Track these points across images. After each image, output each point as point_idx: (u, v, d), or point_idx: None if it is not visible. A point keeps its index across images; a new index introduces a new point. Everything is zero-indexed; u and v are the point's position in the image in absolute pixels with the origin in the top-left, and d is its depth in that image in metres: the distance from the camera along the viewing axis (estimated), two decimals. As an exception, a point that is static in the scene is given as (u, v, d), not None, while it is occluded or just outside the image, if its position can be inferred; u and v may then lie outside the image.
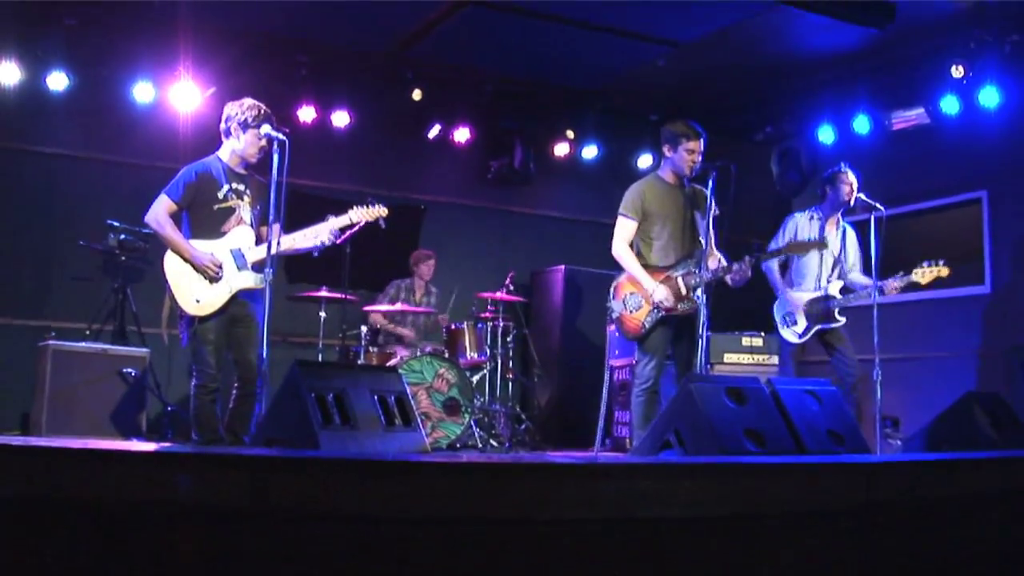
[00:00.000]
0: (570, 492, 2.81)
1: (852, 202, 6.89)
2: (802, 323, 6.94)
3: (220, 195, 5.60)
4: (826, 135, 9.58)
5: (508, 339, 8.84)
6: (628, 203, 6.06)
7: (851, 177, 6.96)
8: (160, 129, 8.67)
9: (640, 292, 5.94)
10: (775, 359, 8.18)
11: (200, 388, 5.45)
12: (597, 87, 9.67)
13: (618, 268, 6.14)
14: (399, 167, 9.99)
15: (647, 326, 5.97)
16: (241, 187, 5.68)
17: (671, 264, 5.99)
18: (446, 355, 8.17)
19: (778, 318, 7.10)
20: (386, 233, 7.40)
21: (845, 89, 9.02)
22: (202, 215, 5.59)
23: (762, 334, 8.29)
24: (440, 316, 8.84)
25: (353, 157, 9.64)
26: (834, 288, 6.98)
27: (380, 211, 5.89)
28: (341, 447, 4.12)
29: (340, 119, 9.25)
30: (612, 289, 6.13)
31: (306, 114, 9.00)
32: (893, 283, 6.60)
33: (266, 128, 5.43)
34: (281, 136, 5.28)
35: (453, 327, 8.51)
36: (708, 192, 5.82)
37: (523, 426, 8.94)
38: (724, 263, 5.87)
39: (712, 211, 5.94)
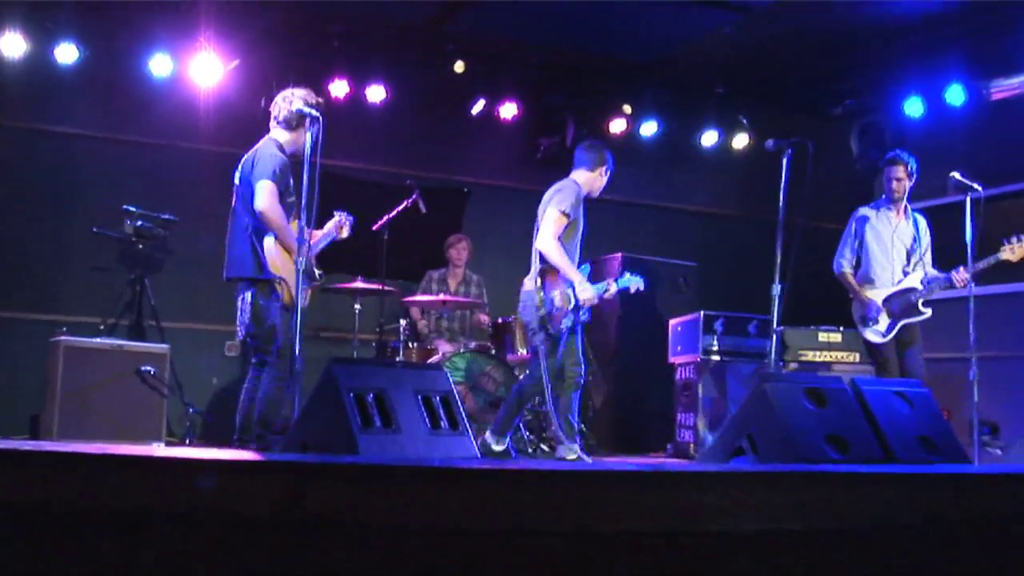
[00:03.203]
0: (632, 502, 2.82)
1: (902, 198, 7.15)
2: (884, 320, 7.12)
3: (291, 186, 5.89)
4: (914, 107, 9.46)
5: None
6: (568, 206, 6.61)
7: (899, 171, 7.15)
8: (179, 106, 8.70)
9: (559, 288, 6.51)
10: (855, 356, 8.16)
11: (280, 380, 5.79)
12: (657, 58, 9.60)
13: (684, 256, 6.28)
14: (440, 146, 9.99)
15: (567, 323, 6.55)
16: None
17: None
18: (493, 351, 8.21)
19: (857, 318, 7.26)
20: (426, 218, 7.43)
21: (936, 55, 8.93)
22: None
23: (840, 328, 8.23)
24: (481, 315, 8.91)
25: (389, 135, 9.64)
26: (914, 279, 7.15)
27: (344, 226, 6.25)
28: (382, 452, 4.15)
29: (375, 94, 9.24)
30: (542, 284, 6.57)
31: (338, 89, 9.01)
32: (961, 275, 6.79)
33: (298, 103, 5.64)
34: (315, 113, 5.44)
35: (500, 321, 8.56)
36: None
37: (576, 429, 8.91)
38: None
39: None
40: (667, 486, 2.90)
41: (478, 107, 9.85)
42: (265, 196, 5.71)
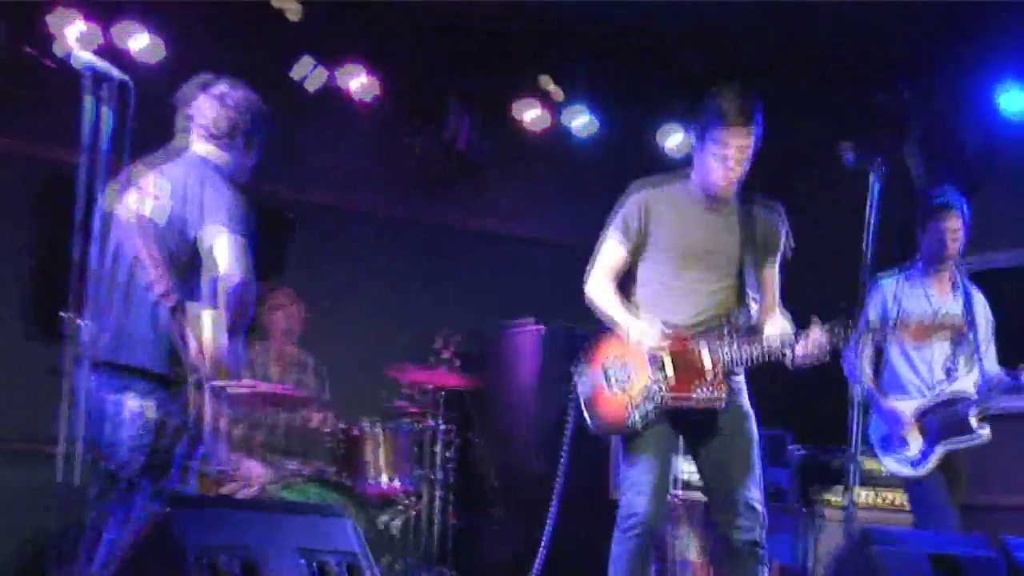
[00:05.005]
0: None
1: (953, 261, 7.24)
2: (915, 444, 7.06)
3: None
4: (1012, 100, 9.15)
5: (448, 452, 8.82)
6: (619, 212, 6.19)
7: (955, 221, 7.14)
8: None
9: (632, 356, 5.98)
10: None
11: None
12: (601, 15, 9.32)
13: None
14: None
15: (639, 416, 5.87)
16: None
17: (691, 324, 5.96)
18: (340, 479, 8.06)
19: (875, 442, 7.29)
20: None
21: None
22: None
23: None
24: (317, 415, 8.58)
25: (164, 118, 8.78)
26: (965, 383, 7.11)
27: None
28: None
29: (139, 46, 8.76)
30: (585, 350, 6.18)
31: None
32: None
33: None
34: (118, 74, 5.08)
35: (355, 432, 8.34)
36: (781, 219, 6.07)
37: (475, 610, 9.00)
38: (789, 332, 5.93)
39: (784, 247, 6.12)
40: None
41: (314, 79, 9.48)
42: (237, 257, 5.53)
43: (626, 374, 5.94)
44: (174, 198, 5.68)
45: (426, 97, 10.04)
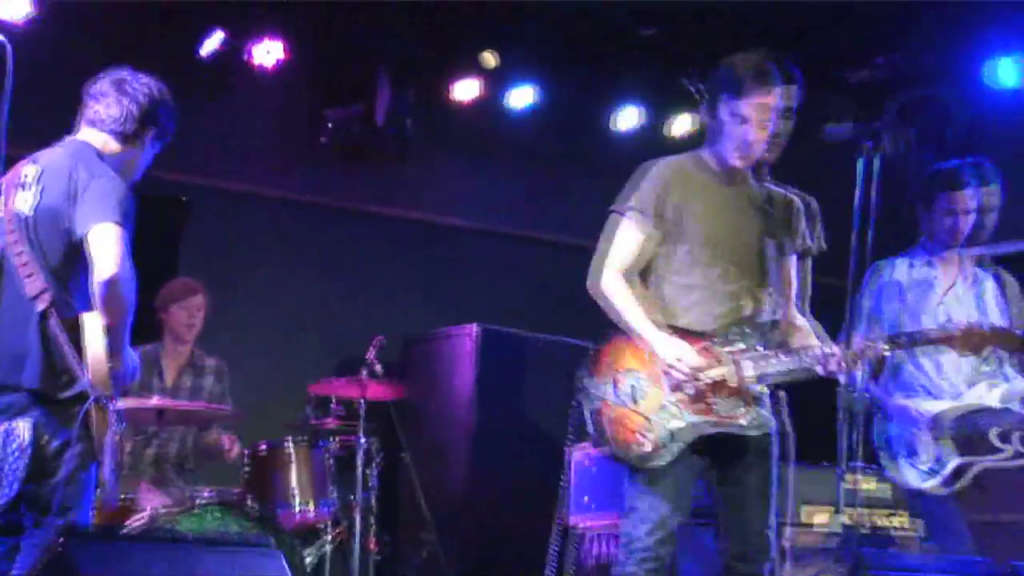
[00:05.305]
0: None
1: (961, 242, 6.95)
2: (929, 452, 6.77)
3: None
4: (1003, 73, 9.38)
5: (370, 471, 8.53)
6: (637, 192, 5.90)
7: (963, 198, 6.85)
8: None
9: (646, 368, 5.79)
10: (916, 521, 7.74)
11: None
12: None
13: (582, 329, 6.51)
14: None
15: (659, 439, 5.70)
16: None
17: (712, 329, 5.80)
18: (250, 506, 7.77)
19: (883, 447, 7.00)
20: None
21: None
22: None
23: (885, 469, 7.76)
24: (222, 435, 8.43)
25: (37, 92, 7.91)
26: (991, 391, 6.82)
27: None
28: None
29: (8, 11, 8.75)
30: (591, 358, 5.92)
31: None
32: None
33: (150, 99, 5.65)
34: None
35: (263, 448, 8.10)
36: (800, 205, 5.91)
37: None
38: (828, 344, 5.74)
39: (809, 237, 5.99)
40: None
41: (211, 44, 9.52)
42: (120, 256, 5.32)
43: (640, 390, 5.79)
44: (45, 183, 5.51)
45: (341, 65, 10.10)
